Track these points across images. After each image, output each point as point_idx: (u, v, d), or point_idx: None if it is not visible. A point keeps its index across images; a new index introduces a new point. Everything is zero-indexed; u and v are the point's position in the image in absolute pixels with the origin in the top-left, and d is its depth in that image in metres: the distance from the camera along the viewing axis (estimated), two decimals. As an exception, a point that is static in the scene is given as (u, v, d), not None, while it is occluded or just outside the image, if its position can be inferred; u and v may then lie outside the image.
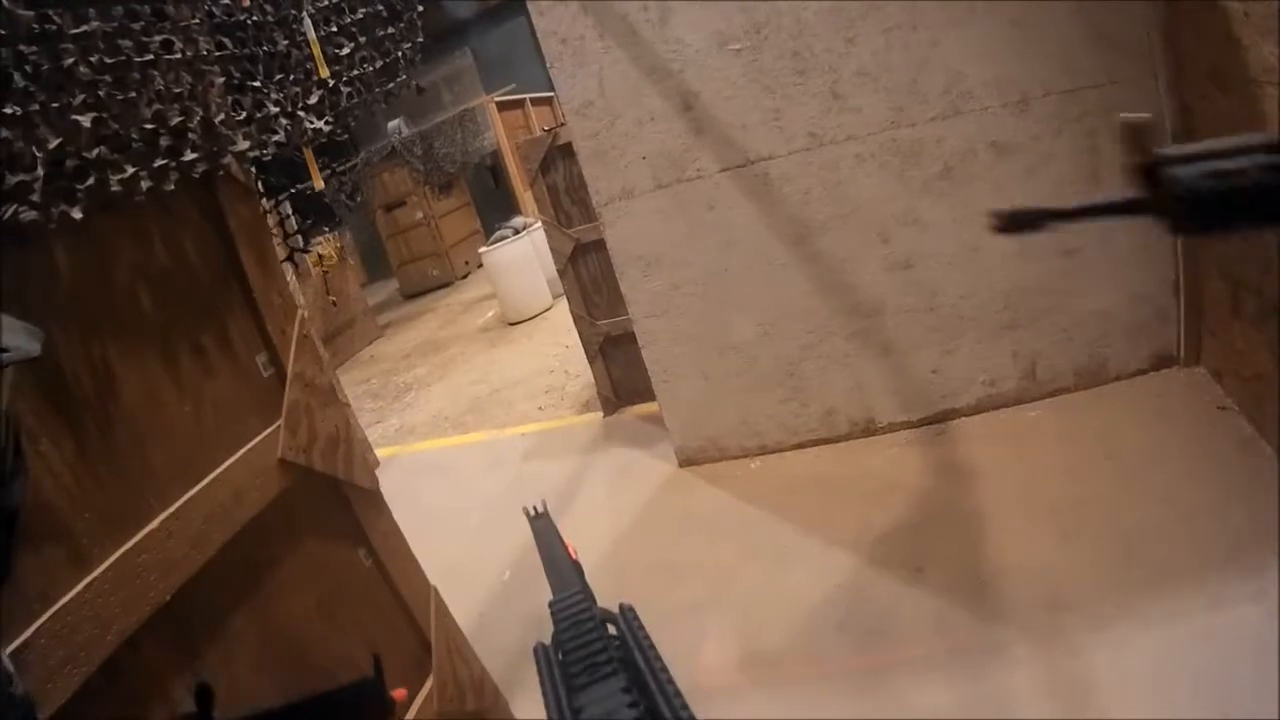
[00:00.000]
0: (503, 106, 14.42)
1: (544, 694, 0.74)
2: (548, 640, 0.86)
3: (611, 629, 0.85)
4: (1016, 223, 1.21)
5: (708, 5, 4.55)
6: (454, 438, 7.90)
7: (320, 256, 12.14)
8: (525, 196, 13.92)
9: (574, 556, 1.14)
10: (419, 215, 15.63)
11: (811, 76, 4.54)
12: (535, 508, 1.33)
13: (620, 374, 6.65)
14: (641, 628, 0.80)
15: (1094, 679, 3.03)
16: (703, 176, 4.84)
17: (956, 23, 4.23)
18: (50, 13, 1.84)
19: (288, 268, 3.47)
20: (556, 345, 9.26)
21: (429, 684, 2.93)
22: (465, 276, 16.14)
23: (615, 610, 0.89)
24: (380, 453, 7.82)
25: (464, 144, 14.70)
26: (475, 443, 7.52)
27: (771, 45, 4.54)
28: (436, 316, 14.06)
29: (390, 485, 6.85)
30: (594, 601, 0.92)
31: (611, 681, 0.70)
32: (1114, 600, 3.30)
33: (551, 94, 14.95)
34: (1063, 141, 4.33)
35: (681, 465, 5.51)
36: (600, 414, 6.87)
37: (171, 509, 2.08)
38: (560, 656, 0.77)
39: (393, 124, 14.93)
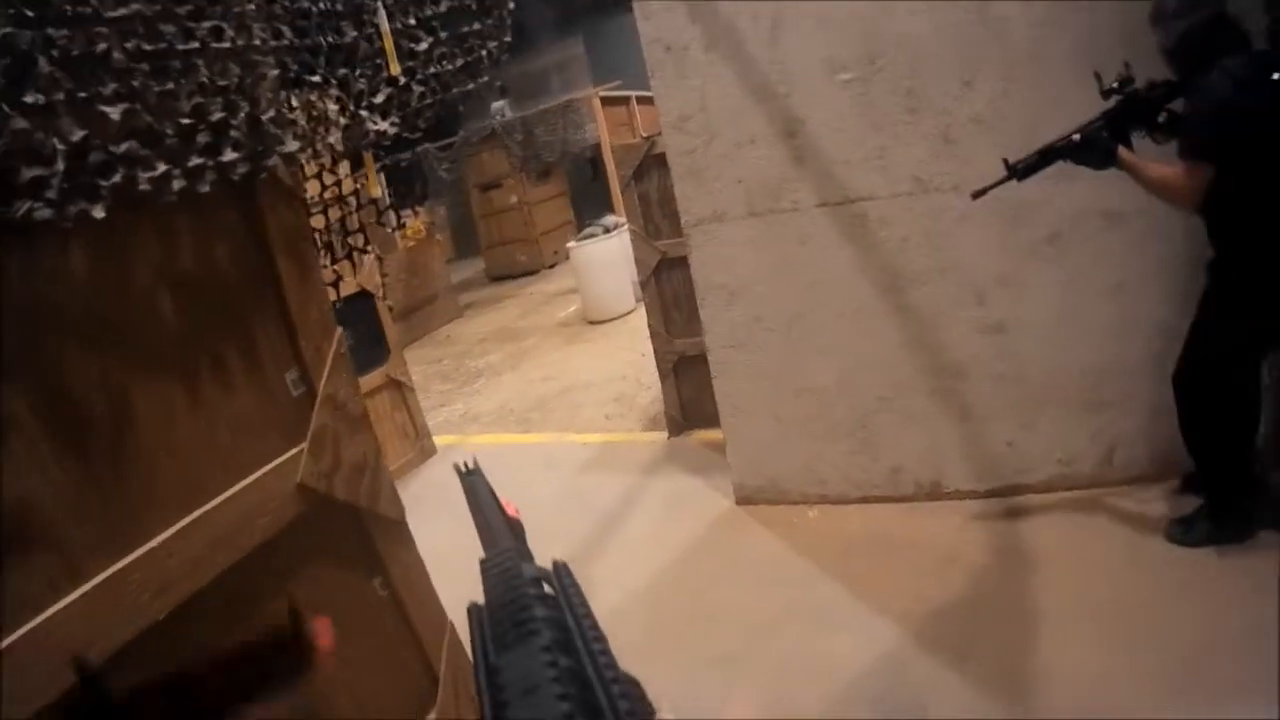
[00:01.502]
0: (607, 102, 14.21)
1: (473, 657, 0.70)
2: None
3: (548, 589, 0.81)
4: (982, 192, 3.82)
5: (822, 28, 4.36)
6: (515, 435, 7.84)
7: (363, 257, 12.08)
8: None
9: (515, 514, 1.09)
10: (513, 199, 15.57)
11: (923, 117, 4.33)
12: (466, 464, 1.19)
13: (690, 395, 6.49)
14: (574, 585, 0.77)
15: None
16: (798, 209, 4.64)
17: (1081, 80, 3.97)
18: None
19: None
20: (633, 352, 9.10)
21: (431, 717, 2.81)
22: (552, 266, 16.04)
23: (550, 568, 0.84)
24: (439, 440, 7.76)
25: (565, 134, 14.56)
26: (536, 444, 7.44)
27: (884, 79, 4.34)
28: (518, 304, 14.00)
29: (443, 476, 6.83)
30: (530, 561, 0.87)
31: (532, 641, 0.66)
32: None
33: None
34: (1176, 217, 4.04)
35: (738, 502, 5.34)
36: (665, 433, 6.74)
37: (175, 528, 1.98)
38: (490, 617, 0.74)
39: (496, 105, 14.85)
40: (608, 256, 10.75)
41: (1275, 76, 3.25)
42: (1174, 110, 3.55)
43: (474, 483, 1.17)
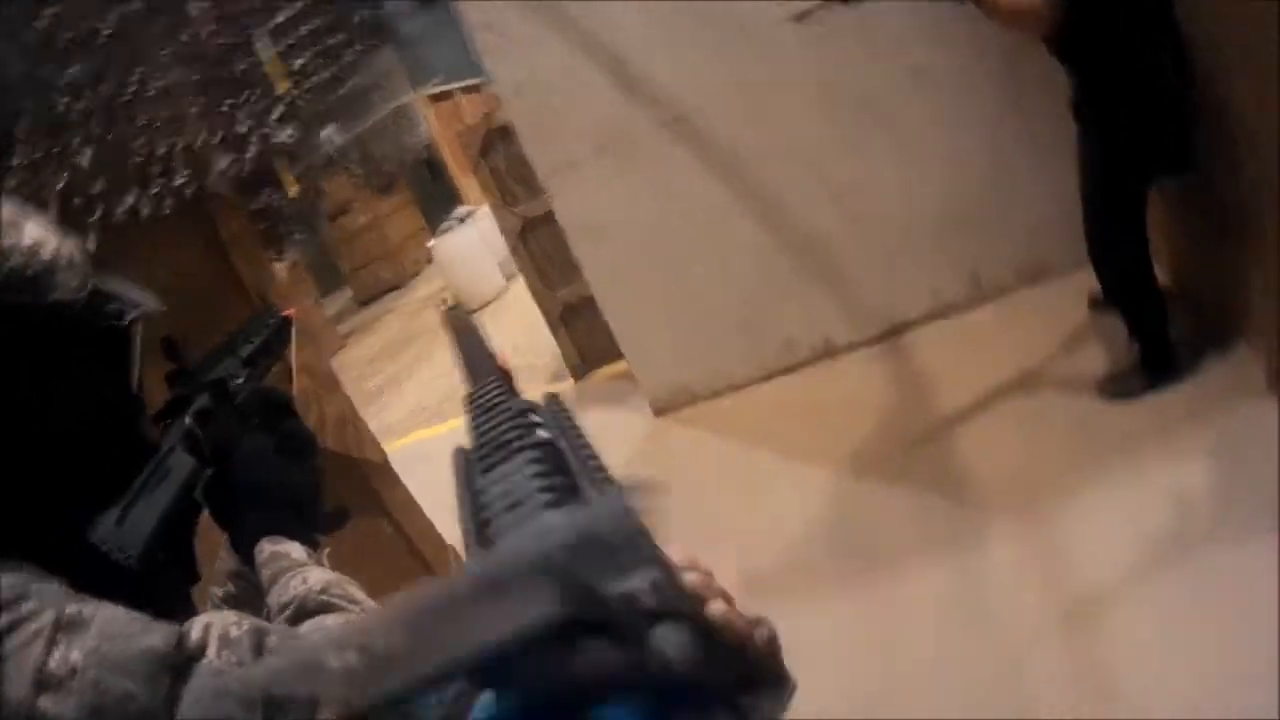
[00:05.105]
0: (433, 99, 14.43)
1: (456, 497, 0.62)
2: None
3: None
4: None
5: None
6: (436, 427, 8.09)
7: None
8: (466, 185, 13.96)
9: (506, 363, 0.96)
10: (363, 220, 15.55)
11: (729, 28, 4.78)
12: (445, 300, 1.08)
13: (583, 339, 6.82)
14: (566, 413, 0.71)
15: (1069, 542, 3.29)
16: (640, 137, 5.07)
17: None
18: (38, 66, 2.04)
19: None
20: (516, 325, 9.29)
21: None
22: (417, 275, 16.01)
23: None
24: (369, 452, 7.93)
25: (400, 140, 14.62)
26: (458, 428, 7.59)
27: (688, 4, 4.77)
28: (395, 317, 14.09)
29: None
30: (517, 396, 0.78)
31: (517, 459, 0.60)
32: (1080, 470, 3.56)
33: (479, 80, 14.96)
34: (983, 67, 4.59)
35: (657, 415, 5.73)
36: (570, 381, 7.03)
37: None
38: (475, 451, 0.67)
39: (325, 132, 14.83)
40: (468, 244, 11.03)
41: None
42: None
43: (457, 315, 1.11)
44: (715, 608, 0.55)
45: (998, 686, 2.88)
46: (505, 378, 0.85)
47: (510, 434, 0.65)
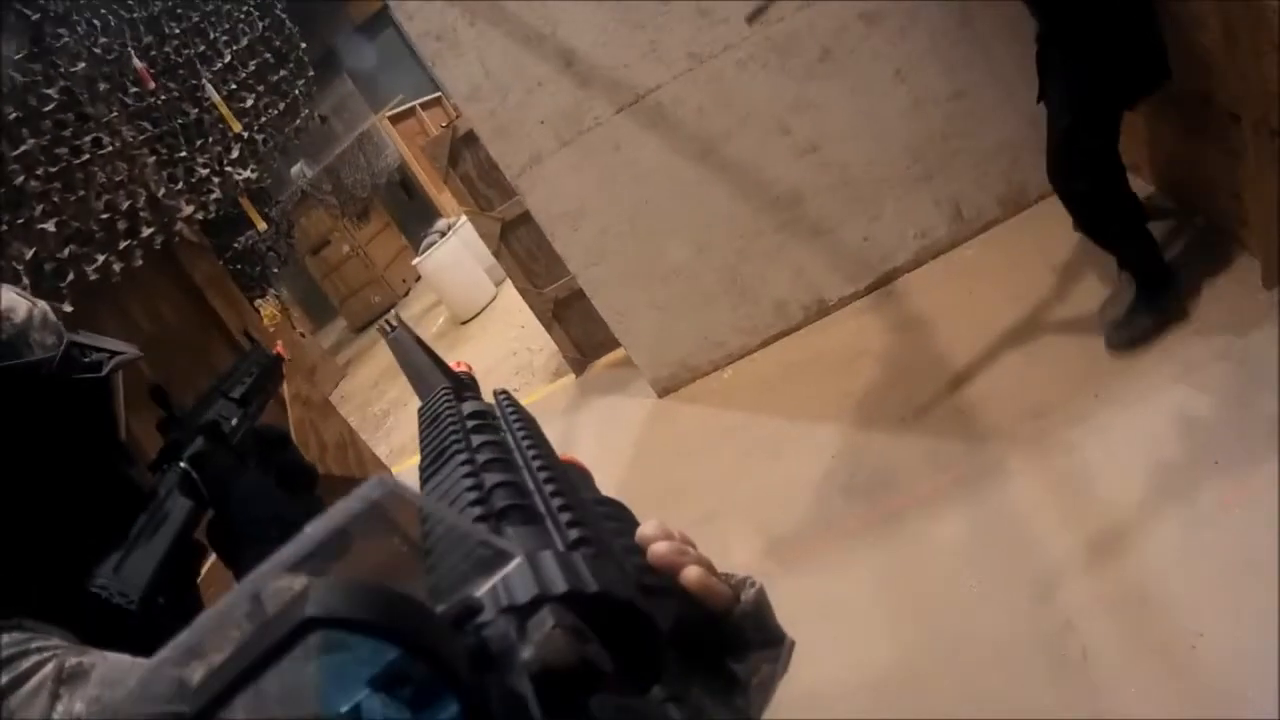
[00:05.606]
0: (396, 119, 14.46)
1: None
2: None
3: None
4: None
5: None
6: (444, 442, 8.02)
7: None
8: (441, 199, 13.98)
9: (465, 369, 1.02)
10: (346, 249, 15.51)
11: (675, 4, 4.77)
12: (389, 322, 1.15)
13: (579, 332, 6.81)
14: (514, 408, 0.75)
15: (1086, 470, 3.29)
16: (600, 123, 5.07)
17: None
18: (-12, 143, 2.05)
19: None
20: (512, 328, 9.33)
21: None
22: (406, 294, 16.06)
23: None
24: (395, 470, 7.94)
25: (369, 166, 14.66)
26: None
27: (630, -14, 4.77)
28: (393, 339, 14.05)
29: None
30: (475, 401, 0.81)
31: (449, 465, 0.63)
32: (1088, 392, 3.56)
33: (438, 94, 14.96)
34: (933, 2, 4.60)
35: (660, 395, 5.75)
36: (572, 376, 7.04)
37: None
38: (423, 463, 0.69)
39: (295, 169, 14.82)
40: (454, 256, 10.95)
41: None
42: None
43: (398, 338, 1.12)
44: (689, 574, 0.57)
45: (1031, 621, 2.89)
46: (465, 385, 0.90)
47: (448, 442, 0.68)
